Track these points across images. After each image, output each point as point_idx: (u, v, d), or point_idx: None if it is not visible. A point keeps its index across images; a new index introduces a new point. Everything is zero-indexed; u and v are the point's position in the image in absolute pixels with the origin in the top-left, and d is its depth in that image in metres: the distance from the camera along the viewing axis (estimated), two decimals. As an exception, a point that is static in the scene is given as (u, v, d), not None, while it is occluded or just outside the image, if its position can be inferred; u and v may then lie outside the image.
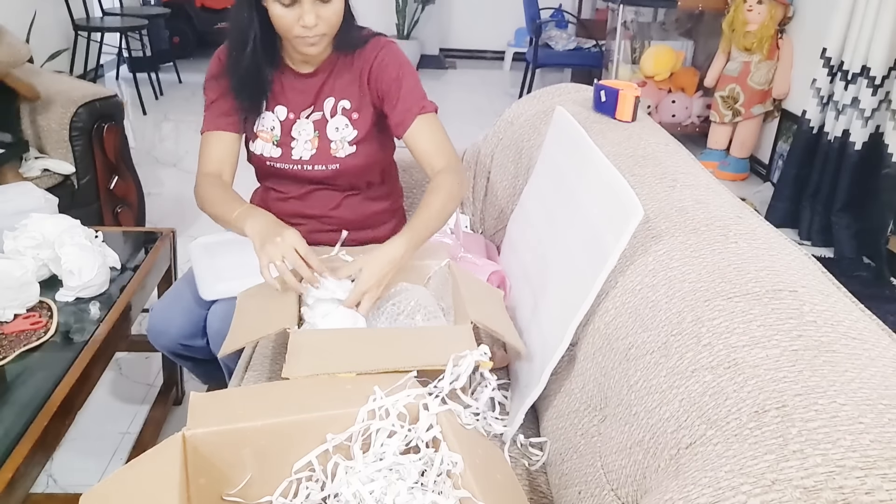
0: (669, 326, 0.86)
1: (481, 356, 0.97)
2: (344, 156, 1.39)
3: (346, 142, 1.38)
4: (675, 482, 0.68)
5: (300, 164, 1.40)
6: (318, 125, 1.39)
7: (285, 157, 1.40)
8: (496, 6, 5.88)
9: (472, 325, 1.05)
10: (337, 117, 1.39)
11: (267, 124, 1.40)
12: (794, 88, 3.48)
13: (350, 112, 1.38)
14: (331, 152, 1.39)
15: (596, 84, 1.52)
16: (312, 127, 1.39)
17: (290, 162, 1.40)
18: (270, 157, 1.40)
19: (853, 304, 0.85)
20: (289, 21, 1.22)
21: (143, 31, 4.40)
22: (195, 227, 2.86)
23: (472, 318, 1.06)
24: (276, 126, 1.40)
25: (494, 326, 1.09)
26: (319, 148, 1.39)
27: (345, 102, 1.38)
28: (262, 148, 1.41)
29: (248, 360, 1.32)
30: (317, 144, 1.39)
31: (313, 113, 1.39)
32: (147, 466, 0.79)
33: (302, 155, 1.39)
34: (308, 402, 0.89)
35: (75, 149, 2.27)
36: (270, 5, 1.22)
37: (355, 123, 1.39)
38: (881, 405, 0.63)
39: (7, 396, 1.15)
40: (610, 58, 4.21)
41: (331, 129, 1.39)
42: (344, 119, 1.38)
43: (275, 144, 1.40)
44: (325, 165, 1.39)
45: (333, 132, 1.39)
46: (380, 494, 0.81)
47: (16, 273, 1.33)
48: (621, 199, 1.00)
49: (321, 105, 1.39)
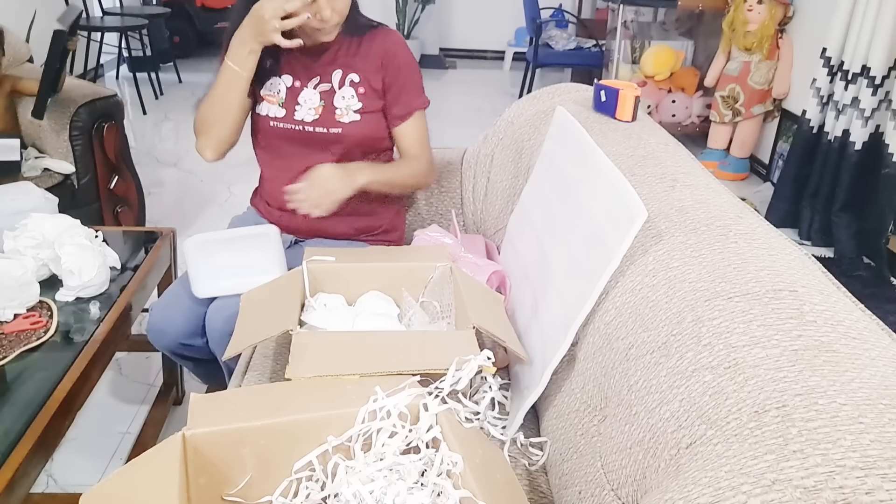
0: (669, 326, 0.86)
1: (484, 361, 0.97)
2: (348, 122, 1.44)
3: (352, 110, 1.44)
4: (675, 482, 0.68)
5: (302, 124, 1.45)
6: (324, 95, 1.45)
7: (288, 117, 1.45)
8: (496, 6, 5.88)
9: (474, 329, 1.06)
10: (345, 88, 1.45)
11: (274, 88, 1.46)
12: (794, 88, 3.48)
13: (357, 86, 1.45)
14: (335, 117, 1.44)
15: (596, 84, 1.52)
16: (319, 97, 1.45)
17: (292, 122, 1.45)
18: (275, 116, 1.46)
19: (853, 304, 0.85)
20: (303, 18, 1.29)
21: (143, 30, 4.40)
22: (195, 227, 2.86)
23: (475, 322, 1.07)
24: (282, 90, 1.46)
25: (496, 332, 1.09)
26: (324, 113, 1.45)
27: (353, 76, 1.45)
28: (266, 109, 1.47)
29: (248, 361, 1.32)
30: (321, 111, 1.45)
31: (321, 84, 1.45)
32: (147, 466, 0.79)
33: (304, 117, 1.45)
34: (308, 403, 0.89)
35: (75, 148, 2.27)
36: None
37: (361, 97, 1.45)
38: (881, 405, 0.63)
39: (7, 396, 1.15)
40: (610, 57, 4.21)
41: (338, 98, 1.45)
42: (351, 90, 1.45)
43: (280, 105, 1.46)
44: (326, 128, 1.44)
45: (340, 100, 1.45)
46: (380, 494, 0.81)
47: (16, 273, 1.33)
48: (624, 200, 1.00)
49: (329, 77, 1.45)
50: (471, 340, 1.03)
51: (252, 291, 1.23)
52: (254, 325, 1.12)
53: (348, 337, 1.08)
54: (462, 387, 0.95)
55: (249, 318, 1.15)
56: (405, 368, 0.95)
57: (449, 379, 0.94)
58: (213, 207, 3.11)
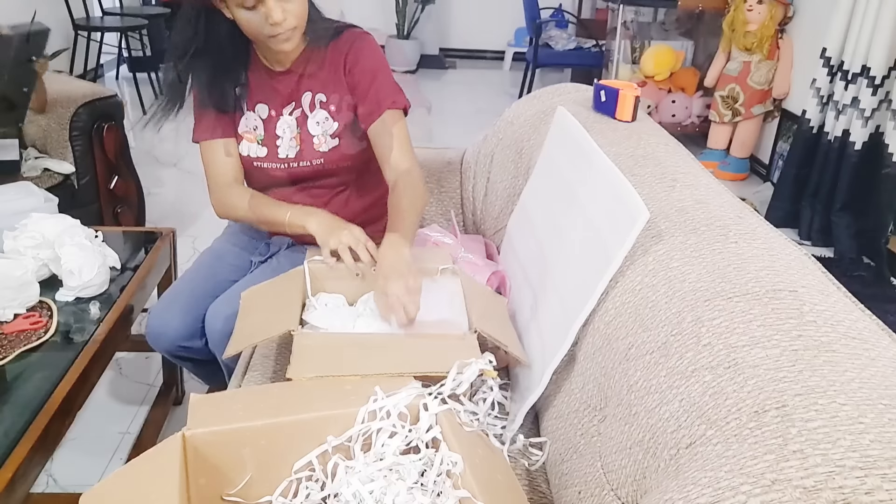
0: (669, 326, 0.86)
1: (486, 365, 0.97)
2: (327, 150, 1.39)
3: (328, 135, 1.39)
4: (675, 482, 0.68)
5: (286, 162, 1.40)
6: (299, 121, 1.39)
7: (271, 155, 1.40)
8: (496, 6, 5.88)
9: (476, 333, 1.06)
10: (316, 111, 1.39)
11: (250, 124, 1.40)
12: (794, 88, 3.48)
13: (328, 104, 1.39)
14: (314, 147, 1.39)
15: (596, 84, 1.52)
16: (295, 123, 1.39)
17: (276, 160, 1.40)
18: (257, 156, 1.40)
19: (853, 304, 0.85)
20: (257, 23, 1.22)
21: (143, 30, 4.40)
22: (195, 227, 2.86)
23: (477, 326, 1.07)
24: (258, 125, 1.40)
25: (499, 336, 1.09)
26: (303, 144, 1.39)
27: (321, 96, 1.38)
28: (247, 149, 1.40)
29: (248, 361, 1.32)
30: (299, 141, 1.39)
31: (295, 109, 1.39)
32: (147, 466, 0.79)
33: (288, 153, 1.40)
34: (308, 403, 0.89)
35: (75, 148, 2.27)
36: (235, 12, 1.22)
37: (334, 115, 1.39)
38: (881, 405, 0.63)
39: (7, 396, 1.15)
40: (610, 58, 4.20)
41: (311, 123, 1.39)
42: (323, 112, 1.39)
43: (259, 144, 1.40)
44: (309, 161, 1.40)
45: (315, 126, 1.39)
46: (379, 494, 0.81)
47: (16, 273, 1.33)
48: (625, 201, 1.00)
49: (300, 101, 1.39)
50: (472, 344, 1.03)
51: (252, 290, 1.23)
52: (254, 324, 1.12)
53: (350, 338, 1.08)
54: (463, 390, 0.95)
55: (250, 317, 1.15)
56: (407, 371, 0.95)
57: (450, 382, 0.94)
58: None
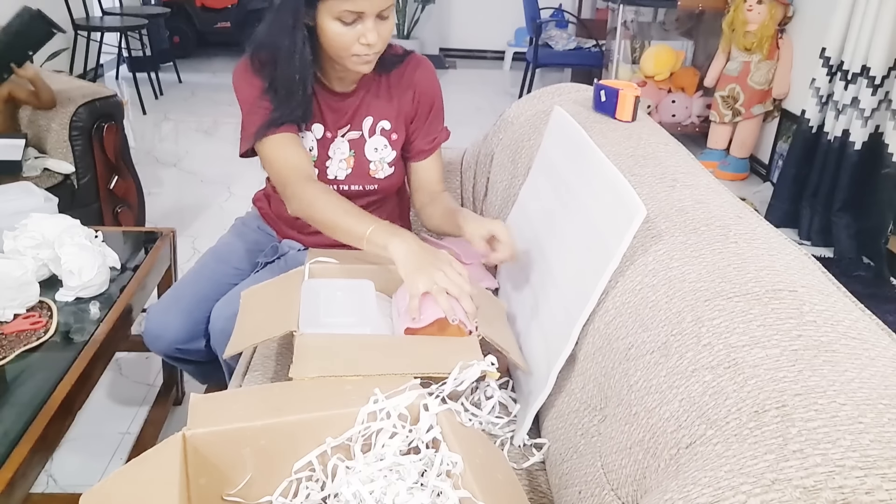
0: (669, 326, 0.86)
1: (488, 367, 0.97)
2: (383, 177, 1.39)
3: (386, 163, 1.38)
4: (675, 482, 0.68)
5: (335, 183, 1.38)
6: (354, 144, 1.37)
7: (320, 175, 1.37)
8: (496, 6, 5.88)
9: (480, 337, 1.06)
10: (375, 137, 1.37)
11: (307, 143, 1.35)
12: (793, 88, 3.49)
13: (390, 133, 1.38)
14: (370, 173, 1.38)
15: (596, 84, 1.52)
16: (348, 146, 1.37)
17: (325, 180, 1.37)
18: None
19: (853, 303, 0.86)
20: (348, 39, 1.16)
21: (143, 30, 4.40)
22: (195, 227, 2.86)
23: (480, 330, 1.07)
24: (313, 146, 1.36)
25: (500, 342, 1.10)
26: (356, 167, 1.37)
27: (385, 123, 1.37)
28: None
29: (248, 361, 1.32)
30: (352, 164, 1.37)
31: (350, 132, 1.37)
32: (147, 466, 0.79)
33: (337, 175, 1.38)
34: (308, 403, 0.89)
35: (75, 148, 2.26)
36: (327, 24, 1.16)
37: (394, 144, 1.38)
38: (881, 405, 0.64)
39: (7, 396, 1.15)
40: (610, 58, 4.21)
41: (369, 148, 1.37)
42: (383, 139, 1.38)
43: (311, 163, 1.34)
44: (361, 186, 1.39)
45: (372, 152, 1.38)
46: (380, 495, 0.81)
47: (16, 273, 1.33)
48: (623, 198, 1.00)
49: (359, 124, 1.37)
50: (474, 346, 1.03)
51: (253, 289, 1.23)
52: (255, 324, 1.12)
53: (352, 339, 1.07)
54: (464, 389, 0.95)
55: (250, 316, 1.15)
56: (409, 371, 0.95)
57: (451, 383, 0.94)
58: (213, 207, 3.11)
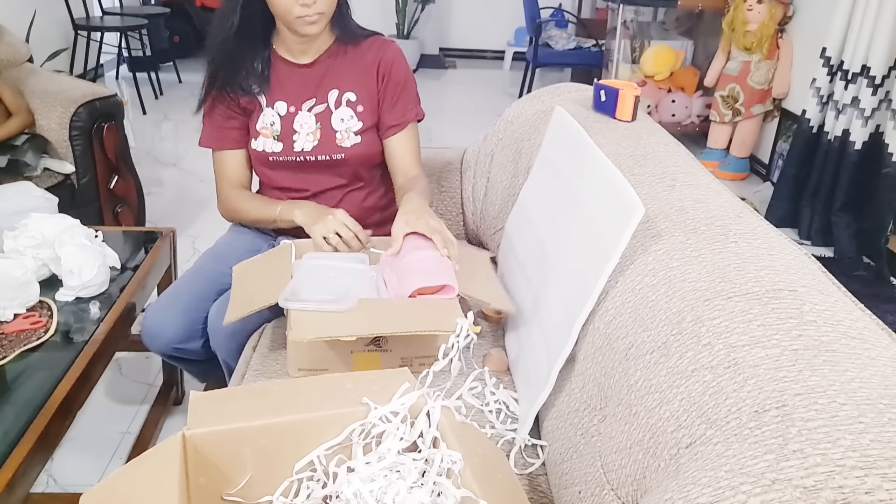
0: (669, 326, 0.86)
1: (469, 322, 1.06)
2: (350, 145, 1.42)
3: (352, 132, 1.41)
4: (675, 482, 0.68)
5: (302, 154, 1.42)
6: (320, 117, 1.41)
7: (287, 149, 1.42)
8: (496, 6, 5.88)
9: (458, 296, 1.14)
10: (342, 108, 1.41)
11: (267, 120, 1.42)
12: (793, 88, 3.48)
13: (355, 104, 1.42)
14: (336, 142, 1.42)
15: (596, 83, 1.52)
16: (314, 119, 1.41)
17: (291, 154, 1.42)
18: (272, 151, 1.43)
19: (853, 303, 0.86)
20: (288, 1, 1.25)
21: (143, 30, 4.40)
22: (195, 227, 2.86)
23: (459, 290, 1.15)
24: (275, 121, 1.42)
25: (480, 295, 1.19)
26: (322, 138, 1.41)
27: (350, 94, 1.41)
28: (263, 144, 1.43)
29: (248, 361, 1.32)
30: (319, 136, 1.41)
31: (316, 105, 1.41)
32: (147, 466, 0.79)
33: (304, 146, 1.42)
34: (309, 402, 0.89)
35: (75, 148, 2.27)
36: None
37: (360, 115, 1.42)
38: (881, 405, 0.64)
39: (7, 396, 1.15)
40: (610, 57, 4.20)
41: (335, 119, 1.41)
42: (349, 110, 1.41)
43: (276, 139, 1.42)
44: (328, 155, 1.42)
45: (339, 122, 1.41)
46: (380, 494, 0.81)
47: (16, 273, 1.33)
48: (622, 197, 1.00)
49: (324, 96, 1.41)
50: (454, 305, 1.12)
51: (243, 263, 1.31)
52: (251, 293, 1.20)
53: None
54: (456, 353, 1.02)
55: (245, 287, 1.24)
56: (396, 330, 1.10)
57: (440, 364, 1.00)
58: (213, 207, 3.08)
